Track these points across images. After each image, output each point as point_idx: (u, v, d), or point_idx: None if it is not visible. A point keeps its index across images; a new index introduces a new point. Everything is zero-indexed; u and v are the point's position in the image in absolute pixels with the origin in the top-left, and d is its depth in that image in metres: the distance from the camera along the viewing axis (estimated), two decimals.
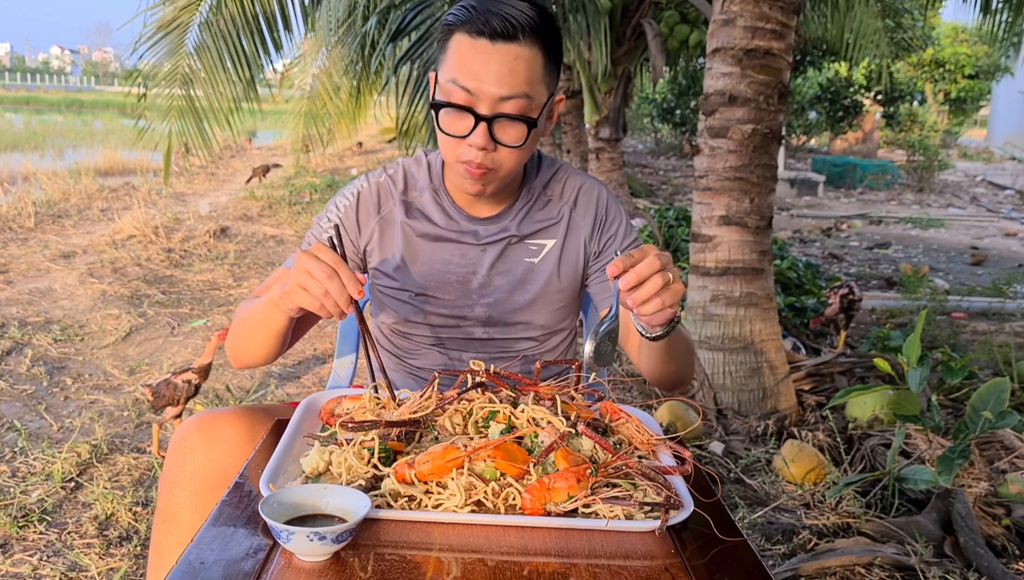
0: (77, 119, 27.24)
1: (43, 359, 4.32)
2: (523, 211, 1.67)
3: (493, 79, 1.42)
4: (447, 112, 1.48)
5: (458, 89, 1.44)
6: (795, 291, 5.30)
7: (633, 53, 8.31)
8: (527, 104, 1.46)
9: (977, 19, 5.57)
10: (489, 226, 1.66)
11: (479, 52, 1.43)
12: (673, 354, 1.52)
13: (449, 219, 1.66)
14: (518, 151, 1.50)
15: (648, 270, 1.22)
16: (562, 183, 1.72)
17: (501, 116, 1.45)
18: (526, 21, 1.43)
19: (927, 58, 21.00)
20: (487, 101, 1.44)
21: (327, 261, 1.30)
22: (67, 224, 8.28)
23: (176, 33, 5.24)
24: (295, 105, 10.99)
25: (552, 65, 1.50)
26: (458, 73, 1.44)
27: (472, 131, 1.45)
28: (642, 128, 22.73)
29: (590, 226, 1.70)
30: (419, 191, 1.68)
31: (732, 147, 3.61)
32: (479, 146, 1.46)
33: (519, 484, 1.13)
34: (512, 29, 1.42)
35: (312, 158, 14.30)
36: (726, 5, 3.57)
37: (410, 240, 1.66)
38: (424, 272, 1.66)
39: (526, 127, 1.47)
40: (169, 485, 1.44)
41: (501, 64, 1.43)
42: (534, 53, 1.45)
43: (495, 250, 1.66)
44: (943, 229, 10.89)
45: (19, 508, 2.79)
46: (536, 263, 1.68)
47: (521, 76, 1.44)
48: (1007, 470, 3.09)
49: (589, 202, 1.71)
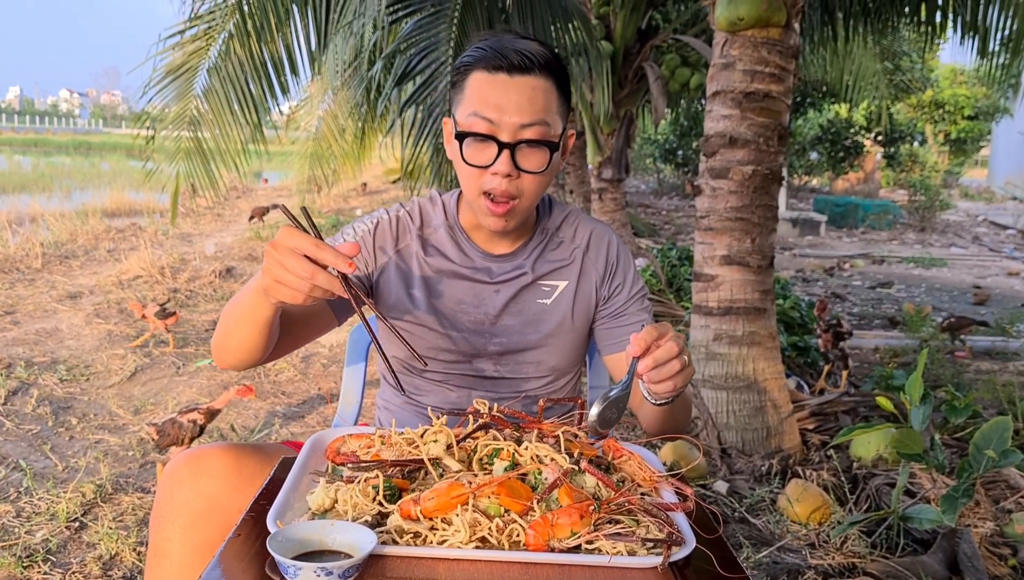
0: (85, 161, 27.47)
1: (49, 399, 4.33)
2: (537, 250, 1.71)
3: (513, 108, 1.49)
4: (470, 144, 1.53)
5: (480, 120, 1.50)
6: (798, 330, 5.31)
7: (635, 95, 8.41)
8: (546, 131, 1.52)
9: (975, 62, 5.64)
10: (504, 264, 1.69)
11: (498, 85, 1.50)
12: (672, 414, 1.57)
13: (464, 256, 1.69)
14: (540, 177, 1.55)
15: (667, 356, 1.30)
16: (574, 227, 1.76)
17: (523, 142, 1.50)
18: (541, 55, 1.52)
19: (927, 99, 21.18)
20: (508, 130, 1.49)
21: (300, 249, 1.23)
22: (74, 264, 8.34)
23: (185, 77, 5.32)
24: (301, 146, 11.11)
25: (564, 99, 1.57)
26: (478, 106, 1.50)
27: (496, 159, 1.50)
28: (645, 168, 22.89)
29: (602, 271, 1.74)
30: (434, 228, 1.71)
31: (733, 188, 3.65)
32: (503, 173, 1.50)
33: (523, 520, 1.14)
34: (529, 63, 1.50)
35: (317, 199, 14.41)
36: (726, 49, 3.63)
37: (426, 276, 1.68)
38: (438, 308, 1.68)
39: (548, 152, 1.53)
40: (159, 519, 1.46)
41: (520, 94, 1.50)
42: (549, 85, 1.53)
43: (509, 291, 1.69)
44: (945, 268, 10.91)
45: (24, 548, 2.79)
46: (548, 304, 1.71)
47: (540, 105, 1.51)
48: (1013, 509, 3.07)
49: (600, 247, 1.75)
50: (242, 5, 4.97)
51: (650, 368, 1.30)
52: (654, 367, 1.30)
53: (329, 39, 5.14)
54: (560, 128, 1.56)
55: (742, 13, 3.52)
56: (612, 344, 1.74)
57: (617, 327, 1.74)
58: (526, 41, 1.53)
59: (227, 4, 5.04)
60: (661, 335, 1.31)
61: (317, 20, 5.07)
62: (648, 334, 1.30)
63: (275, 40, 5.15)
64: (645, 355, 1.30)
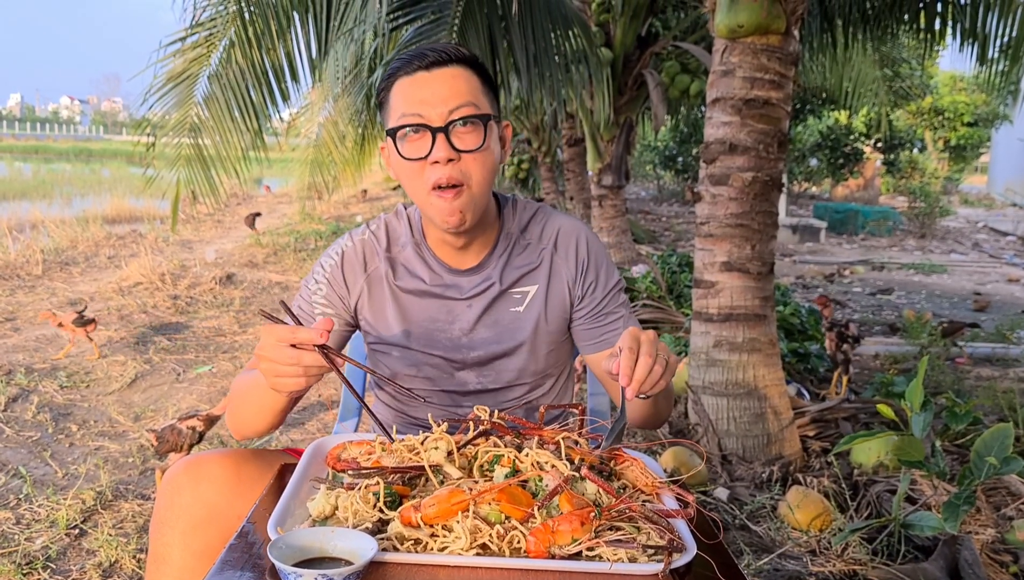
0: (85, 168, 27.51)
1: (49, 406, 4.33)
2: (503, 258, 1.69)
3: (438, 99, 1.51)
4: (403, 139, 1.54)
5: (408, 118, 1.52)
6: (798, 337, 5.31)
7: (635, 102, 8.42)
8: (475, 110, 1.53)
9: (974, 68, 5.65)
10: (472, 277, 1.68)
11: (419, 82, 1.53)
12: (655, 403, 1.58)
13: (432, 273, 1.68)
14: (481, 157, 1.54)
15: (645, 373, 1.31)
16: (541, 225, 1.73)
17: (454, 123, 1.51)
18: (455, 51, 1.55)
19: (926, 106, 21.20)
20: (438, 117, 1.51)
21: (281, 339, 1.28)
22: (74, 271, 8.34)
23: (186, 84, 5.33)
24: (301, 153, 11.12)
25: (489, 88, 1.59)
26: (405, 107, 1.52)
27: (432, 146, 1.50)
28: (645, 175, 22.93)
29: (573, 270, 1.71)
30: (401, 246, 1.70)
31: (733, 194, 3.66)
32: (444, 159, 1.50)
33: (524, 527, 1.14)
34: (445, 56, 1.53)
35: (317, 205, 14.42)
36: (725, 56, 3.64)
37: (397, 296, 1.68)
38: (412, 328, 1.68)
39: (482, 127, 1.53)
40: (158, 525, 1.46)
41: (442, 83, 1.52)
42: (469, 73, 1.55)
43: (480, 304, 1.68)
44: (945, 275, 10.91)
45: (23, 555, 2.79)
46: (521, 311, 1.69)
47: (463, 88, 1.53)
48: (1014, 516, 3.07)
49: (569, 246, 1.72)
50: (243, 12, 4.98)
51: (636, 392, 1.31)
52: (639, 388, 1.31)
53: (330, 46, 5.15)
54: (489, 110, 1.56)
55: (742, 20, 3.53)
56: (594, 343, 1.73)
57: (596, 327, 1.72)
58: (440, 44, 1.57)
59: (228, 11, 5.05)
60: (636, 351, 1.32)
61: (318, 27, 5.08)
62: (628, 359, 1.30)
63: (276, 47, 5.15)
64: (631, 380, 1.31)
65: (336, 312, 1.68)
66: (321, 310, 1.68)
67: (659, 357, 1.33)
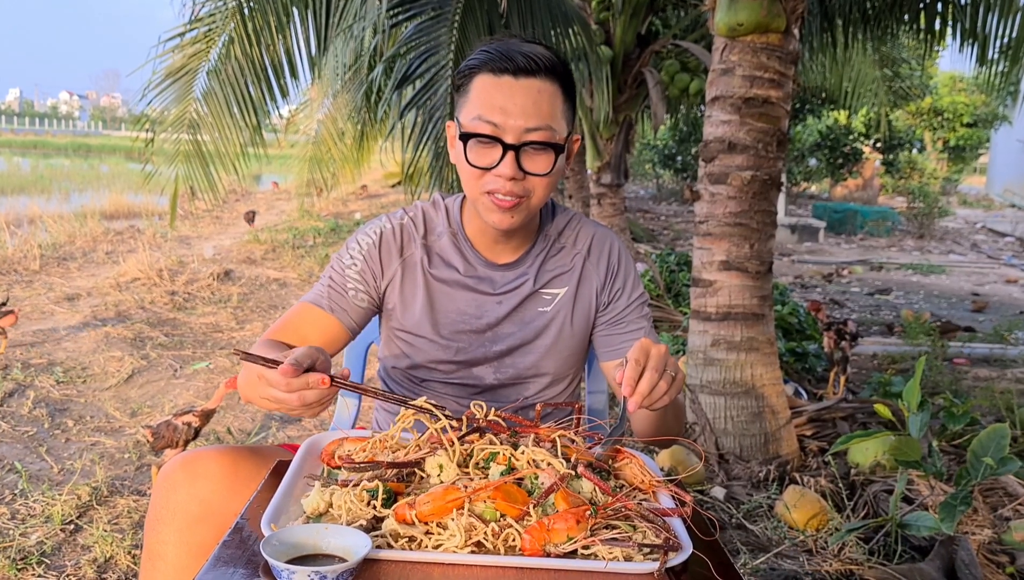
0: (84, 163, 27.46)
1: (45, 401, 4.32)
2: (540, 258, 1.70)
3: (519, 111, 1.48)
4: (474, 146, 1.51)
5: (484, 124, 1.49)
6: (796, 336, 5.31)
7: (634, 101, 8.41)
8: (551, 135, 1.51)
9: (974, 69, 5.65)
10: (507, 273, 1.68)
11: (503, 88, 1.49)
12: (664, 419, 1.58)
13: (467, 264, 1.68)
14: (546, 179, 1.53)
15: (650, 388, 1.29)
16: (576, 231, 1.75)
17: (528, 145, 1.49)
18: (546, 58, 1.51)
19: (925, 107, 21.21)
20: (513, 132, 1.48)
21: (278, 387, 1.27)
22: (72, 266, 8.33)
23: (184, 80, 5.31)
24: (300, 150, 11.11)
25: (569, 103, 1.56)
26: (483, 109, 1.49)
27: (500, 161, 1.49)
28: (644, 174, 22.90)
29: (602, 277, 1.74)
30: (437, 235, 1.70)
31: (732, 193, 3.65)
32: (508, 176, 1.49)
33: (519, 525, 1.13)
34: (534, 65, 1.49)
35: (316, 202, 14.41)
36: (725, 55, 3.63)
37: (429, 284, 1.68)
38: (439, 318, 1.68)
39: (553, 155, 1.52)
40: (154, 522, 1.46)
41: (526, 97, 1.49)
42: (555, 88, 1.52)
43: (511, 302, 1.68)
44: (944, 275, 10.91)
45: (18, 551, 2.78)
46: (548, 311, 1.71)
47: (544, 108, 1.50)
48: (1011, 517, 3.07)
49: (602, 253, 1.74)
50: (242, 8, 4.97)
51: (638, 406, 1.30)
52: (642, 402, 1.30)
53: (329, 42, 5.14)
54: (565, 132, 1.55)
55: (742, 19, 3.53)
56: (610, 351, 1.74)
57: (615, 334, 1.74)
58: (532, 45, 1.52)
59: (227, 7, 5.04)
60: (643, 363, 1.31)
61: (317, 23, 5.07)
62: (632, 370, 1.29)
63: (275, 43, 5.14)
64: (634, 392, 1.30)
65: (366, 289, 1.68)
66: (353, 285, 1.67)
67: (666, 373, 1.32)
